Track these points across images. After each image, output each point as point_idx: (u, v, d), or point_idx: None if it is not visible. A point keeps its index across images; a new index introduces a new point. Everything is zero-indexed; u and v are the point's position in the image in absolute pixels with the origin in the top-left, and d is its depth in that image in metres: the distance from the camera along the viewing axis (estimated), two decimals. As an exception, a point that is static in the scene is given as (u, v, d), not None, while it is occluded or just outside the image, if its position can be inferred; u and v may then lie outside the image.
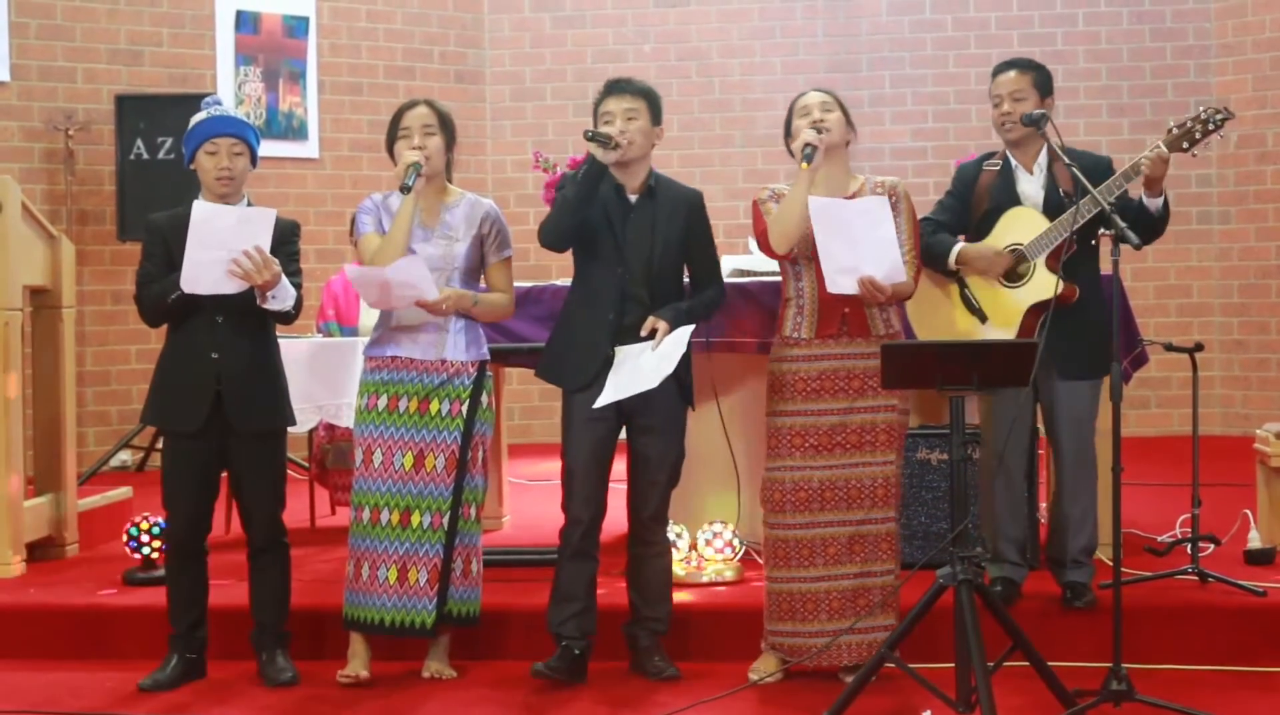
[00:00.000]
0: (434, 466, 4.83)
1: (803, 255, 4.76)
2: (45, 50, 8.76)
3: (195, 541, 4.90)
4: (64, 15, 8.83)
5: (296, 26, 9.46)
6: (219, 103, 4.95)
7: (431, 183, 4.90)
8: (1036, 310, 4.96)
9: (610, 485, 4.89)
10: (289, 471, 5.11)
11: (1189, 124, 4.85)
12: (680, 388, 4.82)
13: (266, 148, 5.43)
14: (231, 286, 4.68)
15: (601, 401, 4.68)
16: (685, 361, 4.78)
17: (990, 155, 5.24)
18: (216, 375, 4.78)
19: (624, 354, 4.74)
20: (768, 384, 4.87)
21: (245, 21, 9.27)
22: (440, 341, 4.86)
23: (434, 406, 4.84)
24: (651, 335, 4.71)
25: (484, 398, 4.91)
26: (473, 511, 4.90)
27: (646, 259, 4.80)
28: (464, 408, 4.86)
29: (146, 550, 5.64)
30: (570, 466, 4.83)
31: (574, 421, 4.83)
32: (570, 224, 4.75)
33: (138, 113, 8.45)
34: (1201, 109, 4.89)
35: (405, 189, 4.75)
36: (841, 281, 4.62)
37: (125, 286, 8.58)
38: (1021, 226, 5.00)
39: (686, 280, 4.97)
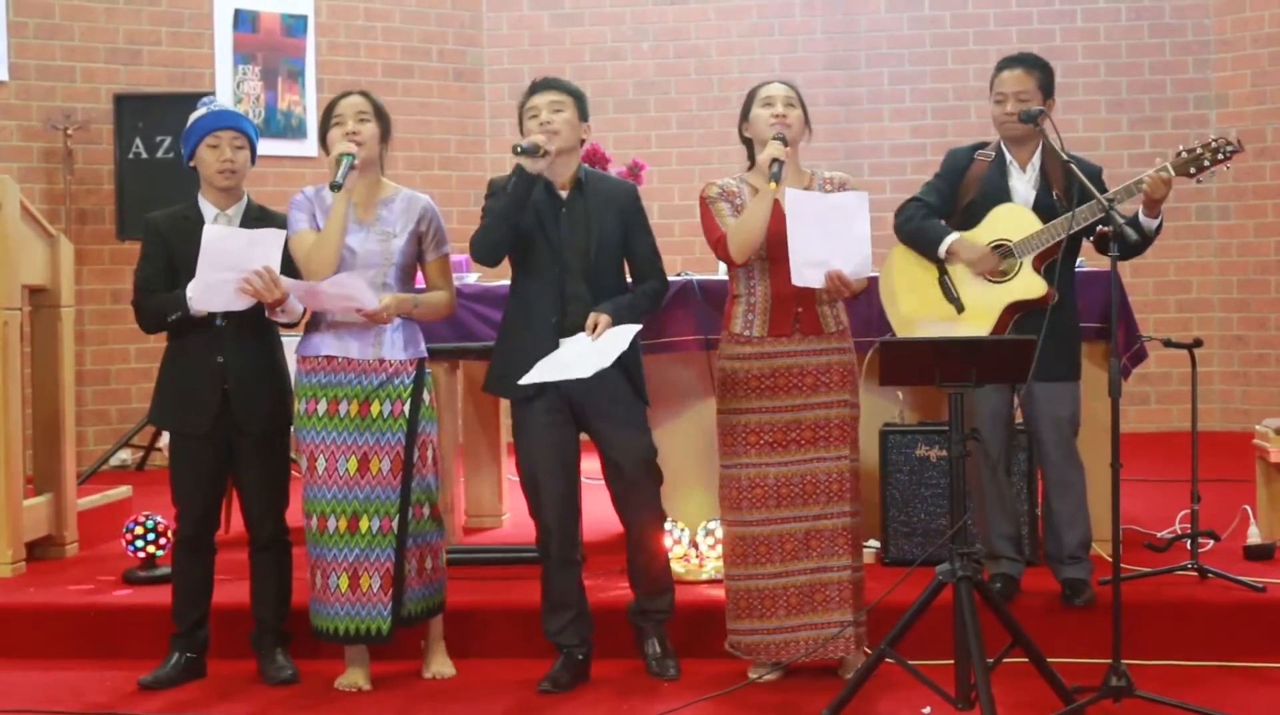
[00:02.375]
0: (379, 469, 4.75)
1: (756, 257, 4.75)
2: (44, 49, 8.76)
3: (204, 539, 4.91)
4: (62, 14, 8.82)
5: (295, 25, 9.45)
6: (215, 100, 4.97)
7: (366, 175, 4.80)
8: (1014, 308, 4.97)
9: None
10: (290, 470, 5.10)
11: (1199, 150, 4.85)
12: (632, 385, 4.75)
13: (265, 146, 5.42)
14: (241, 303, 4.69)
15: (526, 380, 4.58)
16: (636, 358, 4.72)
17: (983, 145, 5.21)
18: (223, 378, 4.78)
19: (565, 344, 4.66)
20: (718, 382, 4.85)
21: (244, 20, 9.26)
22: (377, 341, 4.76)
23: (375, 408, 4.75)
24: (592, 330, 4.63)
25: (426, 396, 4.83)
26: (425, 511, 4.81)
27: (584, 254, 4.72)
28: (406, 408, 4.76)
29: (146, 547, 5.64)
30: (530, 474, 4.75)
31: (526, 429, 4.75)
32: (502, 236, 4.66)
33: (136, 112, 8.44)
34: (1213, 139, 4.88)
35: (335, 187, 4.62)
36: (809, 274, 4.59)
37: (125, 285, 8.53)
38: (1011, 223, 4.99)
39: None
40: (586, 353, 4.57)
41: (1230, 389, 9.64)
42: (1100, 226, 4.89)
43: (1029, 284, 4.94)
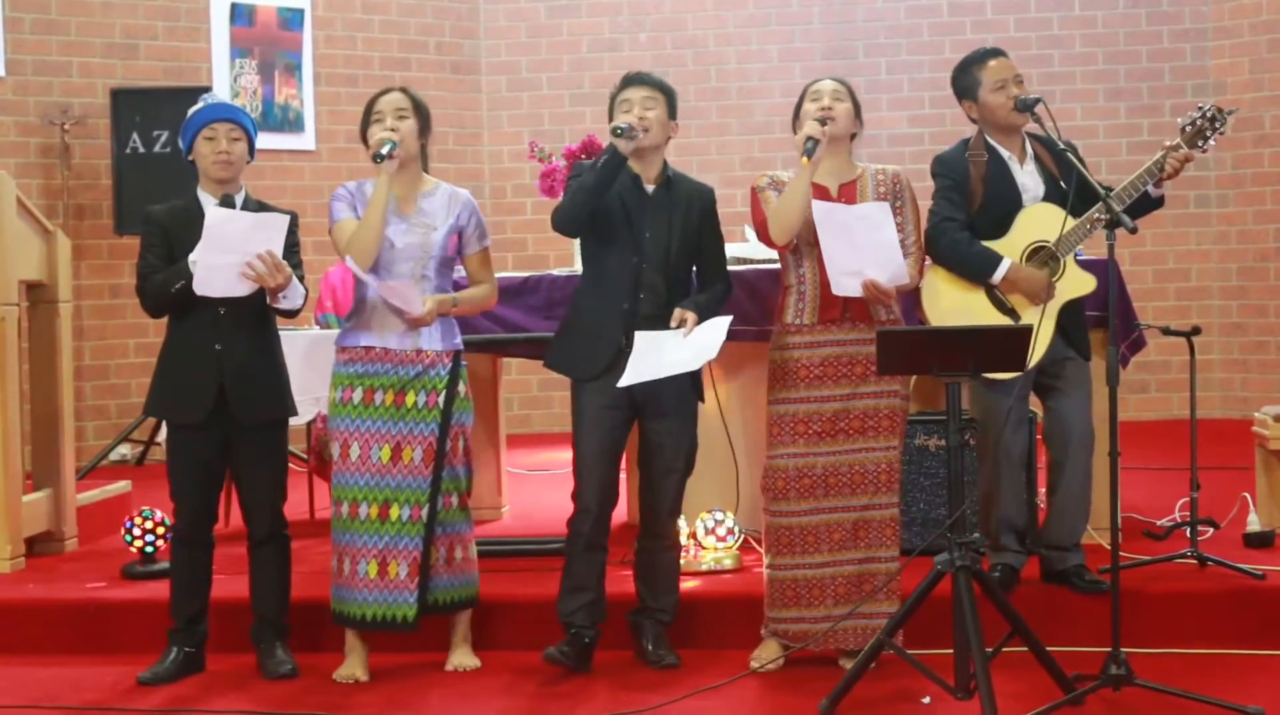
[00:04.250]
0: (411, 459, 4.80)
1: (804, 242, 4.76)
2: (40, 45, 8.75)
3: (201, 533, 4.91)
4: (59, 9, 8.82)
5: (291, 18, 9.45)
6: (215, 95, 4.99)
7: (406, 170, 4.85)
8: (1067, 306, 4.98)
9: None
10: (288, 464, 5.11)
11: (1199, 123, 4.92)
12: (692, 379, 4.82)
13: (262, 140, 5.41)
14: (243, 288, 4.69)
15: (625, 381, 4.66)
16: None
17: (965, 145, 5.15)
18: (219, 367, 4.78)
19: (645, 340, 4.72)
20: (769, 372, 4.87)
21: (240, 14, 9.26)
22: (415, 332, 4.82)
23: (410, 398, 4.81)
24: (680, 326, 4.71)
25: (460, 387, 4.88)
26: (454, 501, 4.87)
27: (665, 249, 4.80)
28: (440, 399, 4.82)
29: (145, 543, 5.64)
30: (582, 456, 4.82)
31: (586, 411, 4.81)
32: (586, 210, 4.74)
33: (133, 106, 8.44)
34: (1206, 108, 4.95)
35: (378, 159, 4.71)
36: (846, 283, 4.65)
37: (123, 280, 8.59)
38: (1042, 223, 4.94)
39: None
40: (684, 347, 4.66)
41: (1230, 377, 9.64)
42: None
43: (1079, 281, 4.96)
